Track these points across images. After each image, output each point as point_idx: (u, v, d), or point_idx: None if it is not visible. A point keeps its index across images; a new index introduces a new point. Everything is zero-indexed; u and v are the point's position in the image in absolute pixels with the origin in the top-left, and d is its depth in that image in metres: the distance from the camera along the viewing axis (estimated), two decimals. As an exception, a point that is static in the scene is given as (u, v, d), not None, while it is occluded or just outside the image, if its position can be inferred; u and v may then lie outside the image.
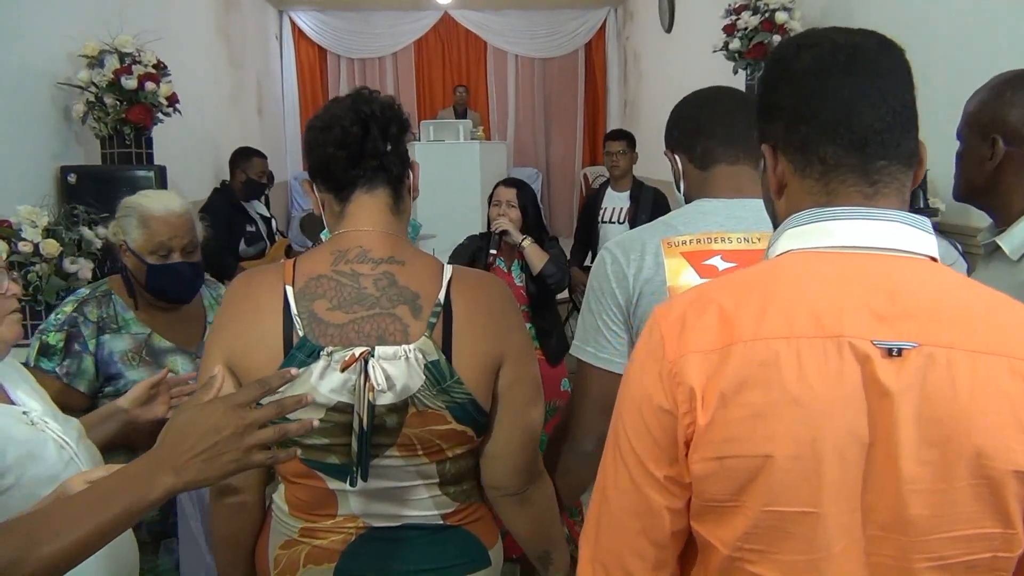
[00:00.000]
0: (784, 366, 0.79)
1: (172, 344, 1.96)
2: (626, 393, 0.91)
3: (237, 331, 1.25)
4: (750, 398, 0.80)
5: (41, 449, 1.28)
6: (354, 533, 1.29)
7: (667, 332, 0.86)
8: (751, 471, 0.80)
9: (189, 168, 5.12)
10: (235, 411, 1.00)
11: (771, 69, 0.94)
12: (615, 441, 0.91)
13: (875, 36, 0.89)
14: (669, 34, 6.97)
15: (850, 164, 0.86)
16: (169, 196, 1.95)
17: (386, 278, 1.25)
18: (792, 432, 0.79)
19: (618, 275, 1.39)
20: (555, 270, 3.22)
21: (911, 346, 0.77)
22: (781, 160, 0.92)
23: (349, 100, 1.29)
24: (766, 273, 0.88)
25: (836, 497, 0.79)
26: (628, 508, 0.89)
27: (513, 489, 1.35)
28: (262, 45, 8.41)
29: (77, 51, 3.68)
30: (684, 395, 0.83)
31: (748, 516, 0.82)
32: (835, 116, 0.86)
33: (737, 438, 0.81)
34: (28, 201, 3.05)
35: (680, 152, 1.50)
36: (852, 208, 0.86)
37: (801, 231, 0.88)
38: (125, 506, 0.97)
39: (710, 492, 0.84)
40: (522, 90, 10.15)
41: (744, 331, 0.81)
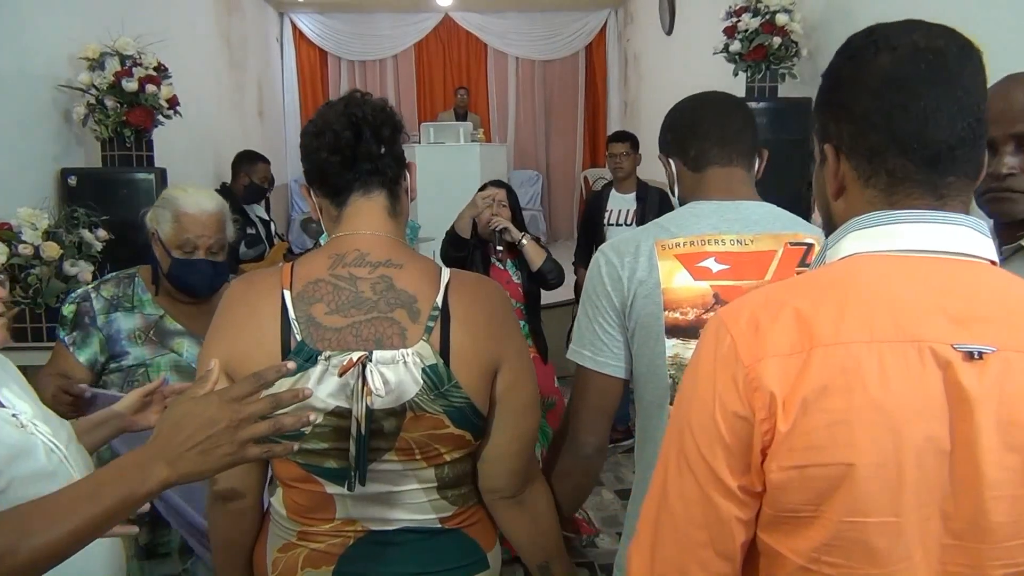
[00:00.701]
0: (867, 371, 0.78)
1: (183, 328, 2.00)
2: (694, 399, 0.87)
3: (235, 335, 1.25)
4: (832, 404, 0.78)
5: (30, 452, 1.26)
6: (352, 537, 1.29)
7: (739, 336, 0.84)
8: (832, 480, 0.78)
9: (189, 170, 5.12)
10: (230, 404, 1.00)
11: (843, 66, 0.90)
12: (680, 450, 0.87)
13: (957, 39, 0.85)
14: (669, 36, 6.98)
15: (919, 179, 0.84)
16: (205, 195, 2.00)
17: (384, 281, 1.25)
18: (875, 439, 0.77)
19: (612, 278, 1.39)
20: (554, 266, 3.29)
21: (991, 350, 0.76)
22: (844, 163, 0.90)
23: (341, 104, 1.29)
24: (838, 275, 0.86)
25: (916, 505, 0.78)
26: (695, 519, 0.86)
27: (509, 492, 1.35)
28: (263, 47, 8.42)
29: (78, 53, 3.69)
30: (763, 401, 0.80)
31: (827, 526, 0.80)
32: (910, 130, 0.83)
33: (819, 446, 0.78)
34: (28, 203, 3.05)
35: (674, 156, 1.50)
36: (920, 212, 0.84)
37: (868, 233, 0.86)
38: (119, 498, 0.97)
39: (788, 502, 0.82)
40: (522, 92, 10.16)
41: (824, 335, 0.80)
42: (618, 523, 3.73)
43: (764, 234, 1.37)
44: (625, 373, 1.41)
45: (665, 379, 1.35)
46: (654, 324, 1.35)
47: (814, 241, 1.37)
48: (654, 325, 1.35)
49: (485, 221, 3.31)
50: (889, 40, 0.85)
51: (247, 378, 1.04)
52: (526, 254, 3.27)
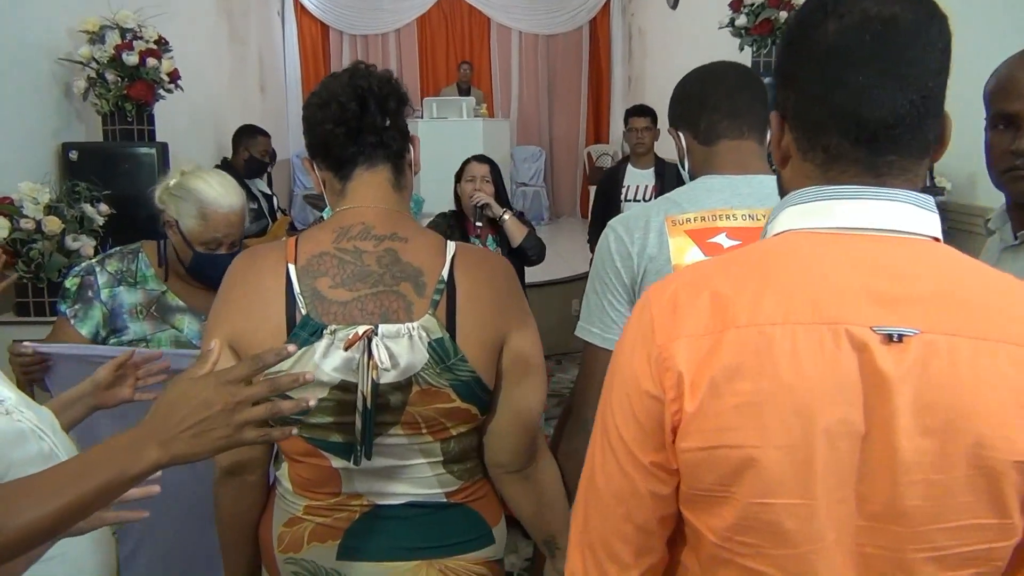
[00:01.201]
0: (778, 353, 0.76)
1: (184, 304, 1.99)
2: (614, 375, 0.88)
3: (239, 310, 1.24)
4: (742, 386, 0.77)
5: (22, 441, 1.23)
6: (358, 511, 1.29)
7: (658, 314, 0.83)
8: (741, 462, 0.78)
9: (191, 144, 5.10)
10: (227, 387, 0.98)
11: (793, 31, 0.87)
12: (603, 425, 0.89)
13: (917, 6, 0.80)
14: (674, 10, 6.91)
15: (855, 158, 0.81)
16: (231, 190, 1.94)
17: (389, 255, 1.24)
18: (784, 422, 0.76)
19: (622, 253, 1.38)
20: (535, 243, 3.31)
21: (912, 333, 0.75)
22: (787, 133, 0.88)
23: (346, 76, 1.27)
24: (764, 254, 0.84)
25: (828, 488, 0.77)
26: (615, 493, 0.87)
27: (515, 466, 1.35)
28: (264, 21, 8.35)
29: (78, 26, 3.65)
30: (672, 381, 0.80)
31: (737, 507, 0.79)
32: (846, 106, 0.80)
33: (728, 427, 0.78)
34: (30, 178, 3.04)
35: (684, 128, 1.48)
36: (855, 187, 0.81)
37: (802, 209, 0.84)
38: (108, 478, 0.95)
39: (699, 481, 0.82)
40: (526, 67, 10.08)
41: (738, 316, 0.78)
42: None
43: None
44: None
45: None
46: None
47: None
48: None
49: (467, 196, 3.31)
50: (839, 6, 0.81)
51: (245, 360, 1.02)
52: (507, 230, 3.28)
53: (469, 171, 3.40)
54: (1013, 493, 0.75)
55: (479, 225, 3.30)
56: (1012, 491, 0.75)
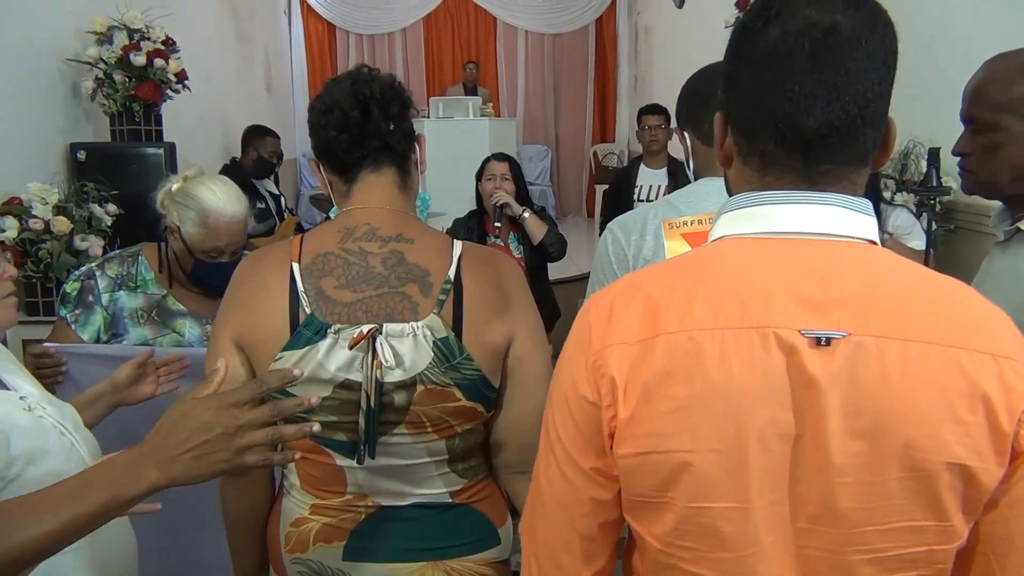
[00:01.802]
0: (708, 358, 0.76)
1: (185, 308, 1.99)
2: (556, 381, 0.88)
3: (245, 308, 1.25)
4: (674, 392, 0.77)
5: (43, 435, 1.25)
6: (364, 512, 1.30)
7: (595, 321, 0.83)
8: (675, 466, 0.78)
9: (198, 144, 5.11)
10: (228, 410, 0.97)
11: (736, 34, 0.86)
12: (546, 431, 0.89)
13: (863, 12, 0.79)
14: (680, 9, 6.90)
15: (789, 165, 0.81)
16: (234, 198, 1.92)
17: (395, 256, 1.25)
18: (715, 426, 0.76)
19: (618, 255, 1.38)
20: (555, 239, 3.32)
21: (840, 335, 0.75)
22: (730, 135, 0.87)
23: (349, 81, 1.27)
24: (698, 261, 0.85)
25: (762, 490, 0.77)
26: (558, 499, 0.87)
27: (521, 466, 1.35)
28: (271, 21, 8.37)
29: (85, 27, 3.67)
30: (607, 387, 0.80)
31: (675, 512, 0.80)
32: (780, 113, 0.79)
33: (661, 433, 0.78)
34: (38, 178, 3.05)
35: (689, 129, 1.48)
36: (788, 192, 0.81)
37: (737, 215, 0.84)
38: (105, 499, 0.95)
39: (637, 487, 0.82)
40: (532, 66, 10.08)
41: (669, 322, 0.79)
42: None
43: None
44: None
45: None
46: None
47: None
48: None
49: (488, 195, 3.31)
50: (782, 12, 0.80)
51: (249, 383, 1.02)
52: (527, 228, 3.29)
53: (489, 169, 3.40)
54: (950, 495, 0.75)
55: (498, 225, 3.32)
56: (948, 493, 0.75)
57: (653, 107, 4.52)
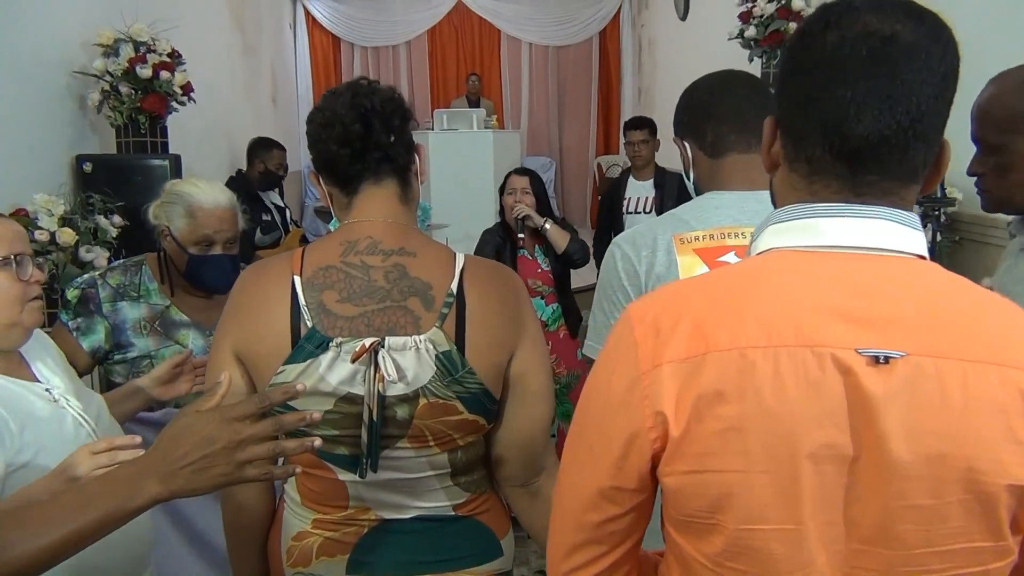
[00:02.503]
0: (761, 377, 0.75)
1: (188, 319, 1.99)
2: (592, 394, 0.87)
3: (246, 320, 1.25)
4: (725, 411, 0.76)
5: (59, 426, 1.30)
6: (366, 525, 1.29)
7: (641, 338, 0.81)
8: (726, 487, 0.77)
9: (204, 157, 5.13)
10: (230, 424, 0.98)
11: (794, 39, 0.84)
12: (573, 440, 0.88)
13: (921, 24, 0.77)
14: (684, 21, 6.92)
15: (836, 173, 0.80)
16: (217, 188, 1.97)
17: (397, 270, 1.24)
18: (767, 447, 0.75)
19: (628, 271, 1.36)
20: (579, 247, 3.41)
21: (898, 355, 0.73)
22: (778, 140, 0.86)
23: (348, 94, 1.27)
24: (746, 274, 0.83)
25: (815, 511, 0.75)
26: (579, 506, 0.87)
27: (523, 480, 1.35)
28: (276, 34, 8.41)
29: (92, 40, 3.69)
30: (652, 408, 0.79)
31: (725, 533, 0.78)
32: (830, 118, 0.78)
33: (712, 452, 0.77)
34: (44, 190, 3.06)
35: (690, 139, 1.46)
36: (837, 205, 0.80)
37: (785, 227, 0.83)
38: (105, 511, 0.96)
39: (684, 507, 0.81)
40: (536, 78, 10.10)
41: (720, 339, 0.77)
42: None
43: None
44: None
45: None
46: None
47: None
48: None
49: (509, 209, 3.40)
50: (841, 19, 0.78)
51: (251, 397, 1.03)
52: (551, 239, 3.37)
53: (510, 184, 3.50)
54: (1006, 515, 0.74)
55: (522, 236, 3.40)
56: (1006, 513, 0.74)
57: (636, 121, 4.51)
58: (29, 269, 1.35)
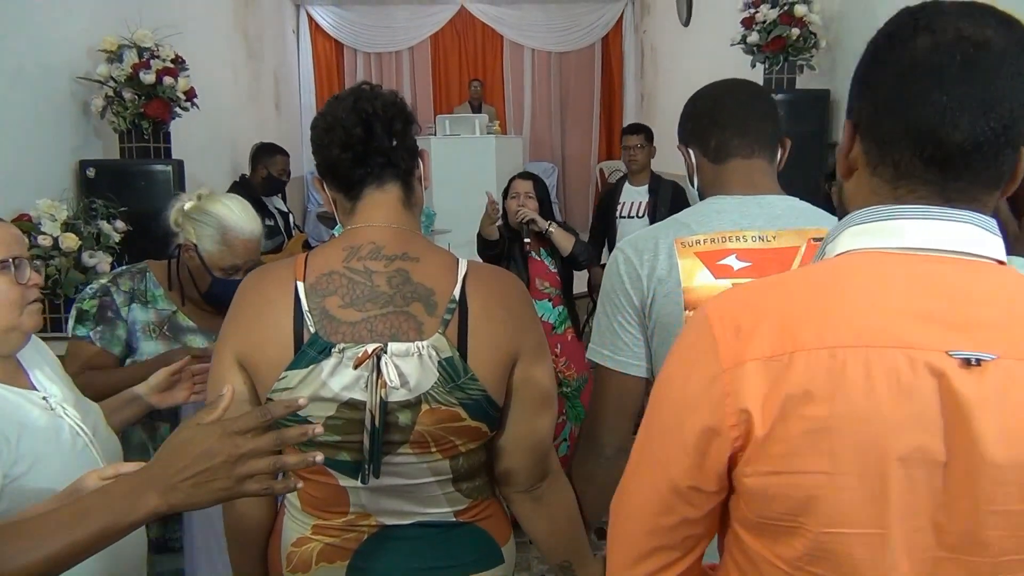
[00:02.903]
0: (851, 378, 0.73)
1: (196, 325, 2.00)
2: (665, 395, 0.85)
3: (249, 327, 1.24)
4: (813, 411, 0.74)
5: (56, 436, 1.28)
6: (367, 531, 1.29)
7: (721, 335, 0.80)
8: (811, 489, 0.75)
9: (207, 162, 5.14)
10: (231, 438, 0.97)
11: (880, 40, 0.83)
12: (644, 441, 0.87)
13: (1012, 31, 0.77)
14: (687, 27, 6.93)
15: (925, 178, 0.79)
16: (252, 218, 1.97)
17: (400, 275, 1.24)
18: (857, 448, 0.73)
19: (631, 275, 1.37)
20: (583, 248, 3.45)
21: (990, 358, 0.72)
22: (858, 144, 0.85)
23: (351, 99, 1.27)
24: (829, 274, 0.82)
25: (902, 517, 0.74)
26: (649, 510, 0.86)
27: (526, 486, 1.35)
28: (279, 40, 8.44)
29: (96, 46, 3.70)
30: (735, 406, 0.77)
31: (808, 536, 0.77)
32: (924, 123, 0.77)
33: (797, 453, 0.75)
34: (47, 195, 3.07)
35: (693, 146, 1.48)
36: (922, 207, 0.79)
37: (865, 229, 0.82)
38: (103, 525, 0.95)
39: (766, 509, 0.79)
40: (538, 84, 10.12)
41: (808, 338, 0.76)
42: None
43: (787, 230, 1.35)
44: (646, 372, 1.40)
45: None
46: (674, 323, 1.33)
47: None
48: (674, 324, 1.33)
49: (512, 213, 3.41)
50: (932, 22, 0.78)
51: (253, 411, 1.02)
52: (555, 242, 3.39)
53: (513, 188, 3.52)
54: None
55: (527, 240, 3.42)
56: None
57: (632, 127, 4.58)
58: (27, 273, 1.34)
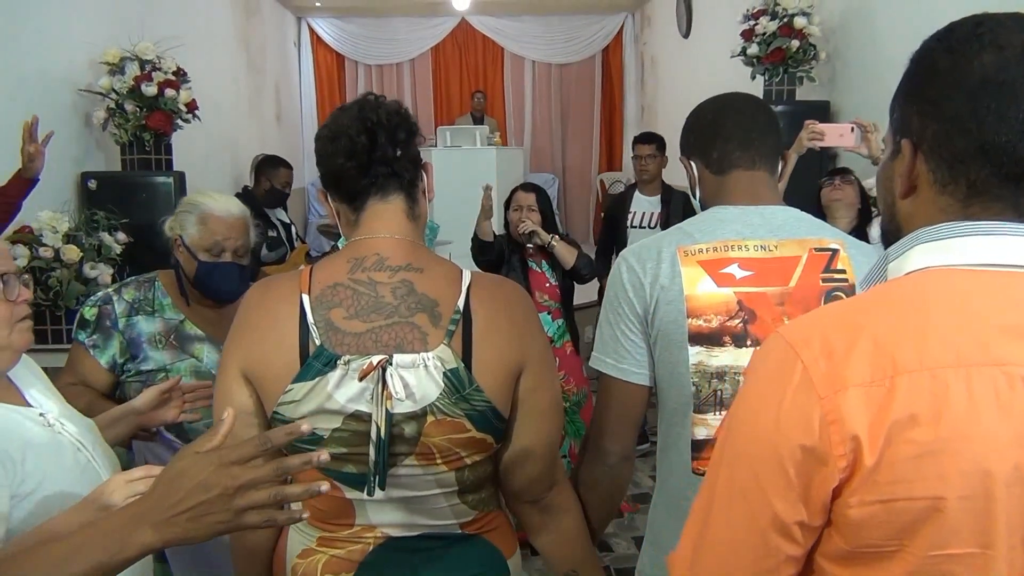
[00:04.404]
0: (954, 399, 0.72)
1: (203, 333, 2.01)
2: (755, 427, 0.81)
3: (254, 340, 1.24)
4: (919, 435, 0.73)
5: (58, 452, 1.26)
6: (372, 543, 1.28)
7: (812, 363, 0.77)
8: (919, 513, 0.74)
9: (208, 174, 5.16)
10: (228, 469, 0.93)
11: (940, 57, 0.81)
12: (731, 476, 0.83)
13: None
14: (687, 39, 6.96)
15: (1000, 194, 0.78)
16: (229, 199, 2.03)
17: (404, 286, 1.24)
18: (964, 470, 0.72)
19: (634, 284, 1.38)
20: (587, 262, 3.41)
21: None
22: (921, 163, 0.83)
23: (355, 108, 1.27)
24: (912, 293, 0.80)
25: (1007, 536, 0.73)
26: (742, 550, 0.82)
27: (531, 496, 1.35)
28: (281, 52, 8.47)
29: (98, 58, 3.72)
30: (842, 435, 0.75)
31: (910, 561, 0.75)
32: (1002, 140, 0.76)
33: (905, 479, 0.73)
34: (50, 207, 3.08)
35: (696, 158, 1.49)
36: (995, 223, 0.78)
37: (940, 246, 0.80)
38: (95, 563, 0.91)
39: (868, 537, 0.77)
40: (539, 95, 10.16)
41: (907, 361, 0.74)
42: (633, 528, 3.71)
43: (788, 240, 1.36)
44: (649, 380, 1.40)
45: (688, 387, 1.34)
46: (677, 331, 1.34)
47: (839, 247, 1.35)
48: (677, 332, 1.34)
49: (515, 225, 3.38)
50: (998, 37, 0.77)
51: (251, 439, 0.97)
52: (558, 255, 3.37)
53: (516, 200, 3.48)
54: None
55: (530, 247, 3.40)
56: None
57: (645, 136, 4.51)
58: (16, 289, 1.30)
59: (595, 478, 1.44)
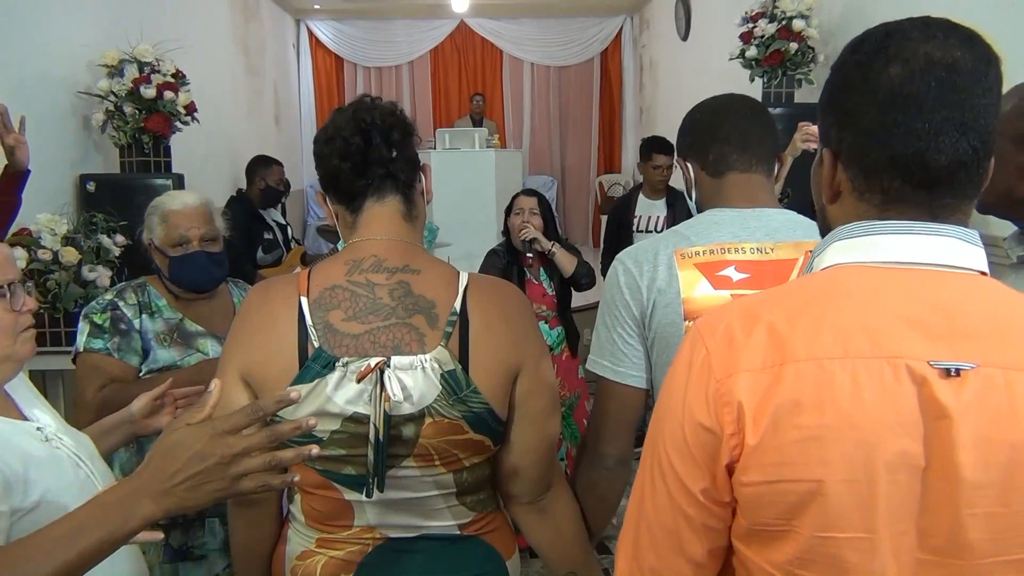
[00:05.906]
0: (839, 387, 0.77)
1: (203, 328, 2.04)
2: (667, 407, 0.88)
3: (252, 342, 1.24)
4: (804, 420, 0.77)
5: (57, 467, 1.24)
6: (371, 544, 1.28)
7: (714, 349, 0.84)
8: (803, 495, 0.78)
9: (207, 176, 5.16)
10: (222, 438, 0.96)
11: (851, 70, 0.85)
12: (653, 456, 0.89)
13: (976, 48, 0.80)
14: (685, 42, 6.97)
15: (914, 201, 0.82)
16: (186, 192, 2.08)
17: (401, 288, 1.25)
18: (846, 455, 0.76)
19: (631, 287, 1.38)
20: (587, 270, 3.41)
21: (969, 367, 0.75)
22: (840, 172, 0.88)
23: (350, 110, 1.28)
24: (817, 288, 0.85)
25: (889, 521, 0.77)
26: (666, 526, 0.88)
27: (529, 497, 1.35)
28: (280, 54, 8.48)
29: (97, 60, 3.72)
30: (731, 416, 0.81)
31: (799, 541, 0.80)
32: (910, 151, 0.80)
33: (789, 462, 0.78)
34: (48, 209, 3.08)
35: (692, 159, 1.49)
36: (904, 223, 0.82)
37: (851, 244, 0.85)
38: (99, 538, 0.93)
39: (759, 515, 0.82)
40: (538, 98, 10.17)
41: (797, 350, 0.79)
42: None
43: (785, 242, 1.36)
44: (646, 383, 1.40)
45: None
46: (674, 334, 1.34)
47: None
48: (674, 335, 1.34)
49: (516, 229, 3.36)
50: (903, 50, 0.81)
51: (243, 408, 1.00)
52: (558, 263, 3.35)
53: (517, 205, 3.46)
54: None
55: (530, 256, 3.37)
56: None
57: (667, 146, 4.40)
58: (20, 298, 1.29)
59: (593, 481, 1.45)
